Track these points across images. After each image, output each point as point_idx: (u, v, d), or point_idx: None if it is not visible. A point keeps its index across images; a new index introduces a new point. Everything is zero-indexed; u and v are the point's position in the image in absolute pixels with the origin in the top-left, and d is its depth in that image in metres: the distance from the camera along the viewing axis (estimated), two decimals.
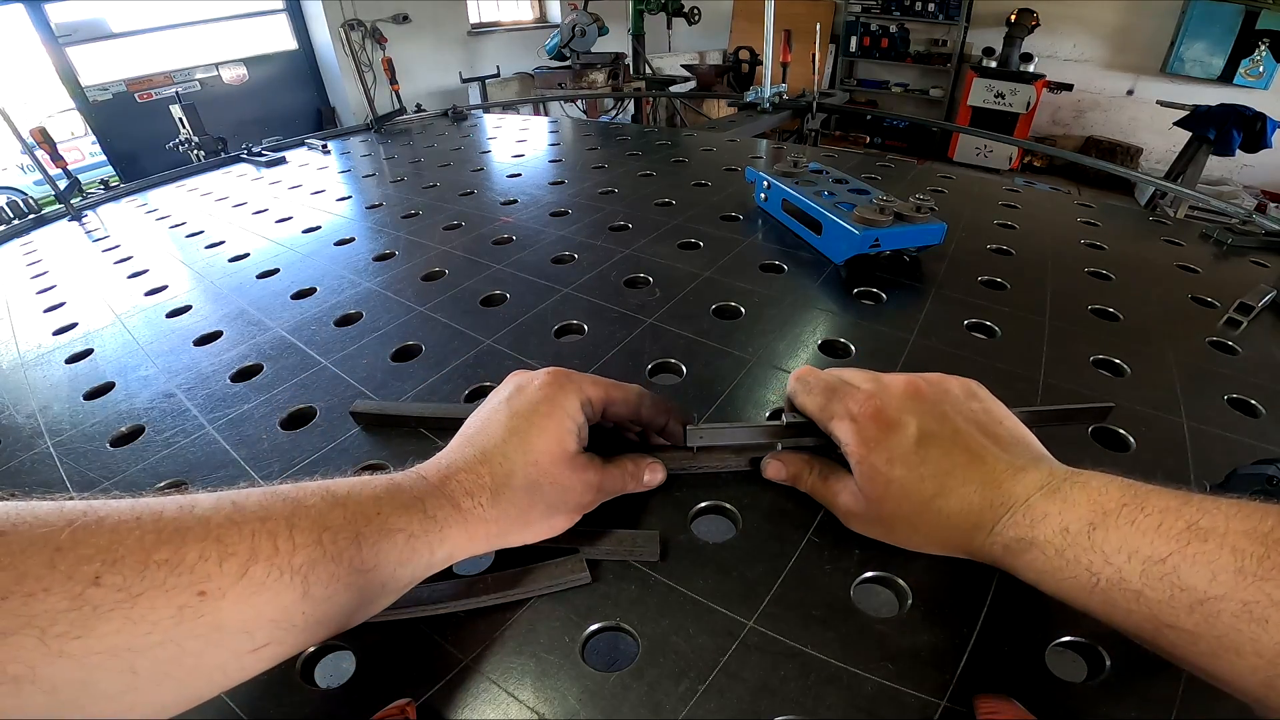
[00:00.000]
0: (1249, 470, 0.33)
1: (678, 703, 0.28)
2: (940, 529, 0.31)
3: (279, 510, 0.25)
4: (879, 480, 0.31)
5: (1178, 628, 0.23)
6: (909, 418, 0.31)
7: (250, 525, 0.24)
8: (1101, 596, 0.25)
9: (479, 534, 0.30)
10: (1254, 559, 0.21)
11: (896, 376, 0.34)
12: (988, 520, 0.29)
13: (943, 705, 0.28)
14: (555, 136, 1.28)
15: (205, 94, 3.97)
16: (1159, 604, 0.23)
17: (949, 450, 0.31)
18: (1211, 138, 2.82)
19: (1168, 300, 0.61)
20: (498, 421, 0.33)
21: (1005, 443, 0.31)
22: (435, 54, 4.67)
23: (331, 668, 0.31)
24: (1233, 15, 4.20)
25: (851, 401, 0.33)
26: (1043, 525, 0.27)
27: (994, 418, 0.32)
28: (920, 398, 0.32)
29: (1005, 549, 0.28)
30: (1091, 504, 0.26)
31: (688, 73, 4.47)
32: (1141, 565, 0.23)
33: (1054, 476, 0.28)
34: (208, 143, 1.46)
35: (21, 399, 0.55)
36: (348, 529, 0.26)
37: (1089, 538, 0.25)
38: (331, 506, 0.27)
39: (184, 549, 0.22)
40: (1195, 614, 0.22)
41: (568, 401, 0.34)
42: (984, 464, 0.30)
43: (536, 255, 0.72)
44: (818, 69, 1.87)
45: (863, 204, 0.63)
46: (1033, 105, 4.84)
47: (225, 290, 0.71)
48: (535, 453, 0.32)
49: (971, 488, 0.30)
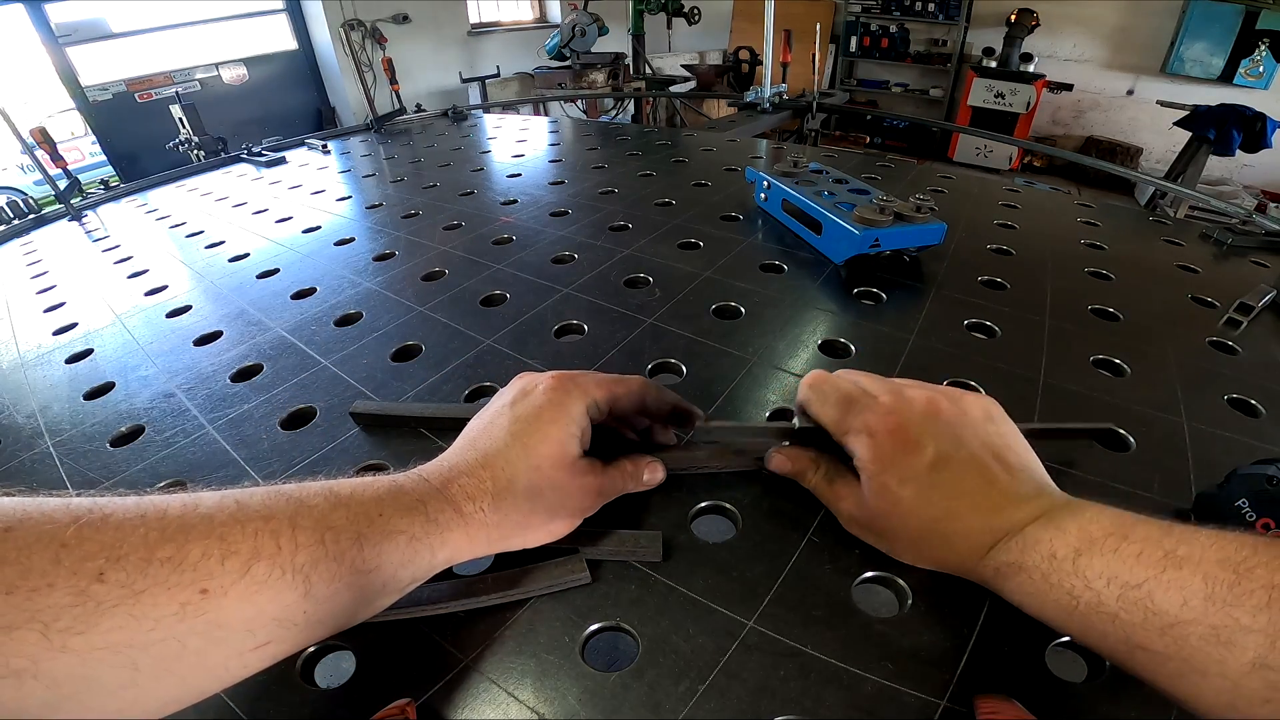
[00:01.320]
0: (1249, 470, 0.33)
1: (678, 703, 0.28)
2: (939, 549, 0.32)
3: (282, 509, 0.26)
4: (888, 497, 0.32)
5: (1149, 650, 0.23)
6: (928, 440, 0.31)
7: (253, 524, 0.24)
8: (1080, 619, 0.26)
9: (480, 538, 0.31)
10: (1224, 585, 0.22)
11: (916, 390, 0.34)
12: (985, 544, 0.30)
13: (943, 705, 0.28)
14: (555, 136, 1.28)
15: (205, 94, 3.97)
16: (1133, 626, 0.24)
17: (961, 476, 0.31)
18: (1211, 138, 2.82)
19: (1168, 300, 0.61)
20: (501, 425, 0.33)
21: (1014, 469, 0.31)
22: (435, 54, 4.66)
23: (331, 668, 0.31)
24: (1233, 15, 4.20)
25: (871, 415, 0.33)
26: (1033, 551, 0.28)
27: (1007, 443, 0.32)
28: (939, 418, 0.32)
29: (996, 571, 0.29)
30: (1080, 533, 0.27)
31: (688, 73, 4.47)
32: (1119, 590, 0.24)
33: (1052, 505, 0.29)
34: (208, 143, 1.46)
35: (21, 399, 0.55)
36: (350, 529, 0.26)
37: (1073, 564, 0.26)
38: (334, 506, 0.27)
39: (187, 546, 0.22)
40: (1166, 637, 0.23)
41: (573, 406, 0.33)
42: (992, 491, 0.30)
43: (536, 255, 0.72)
44: (818, 69, 1.87)
45: (863, 204, 0.63)
46: (1033, 105, 4.84)
47: (225, 290, 0.71)
48: (538, 458, 0.32)
49: (977, 514, 0.30)
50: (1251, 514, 0.32)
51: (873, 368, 0.40)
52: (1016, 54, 4.91)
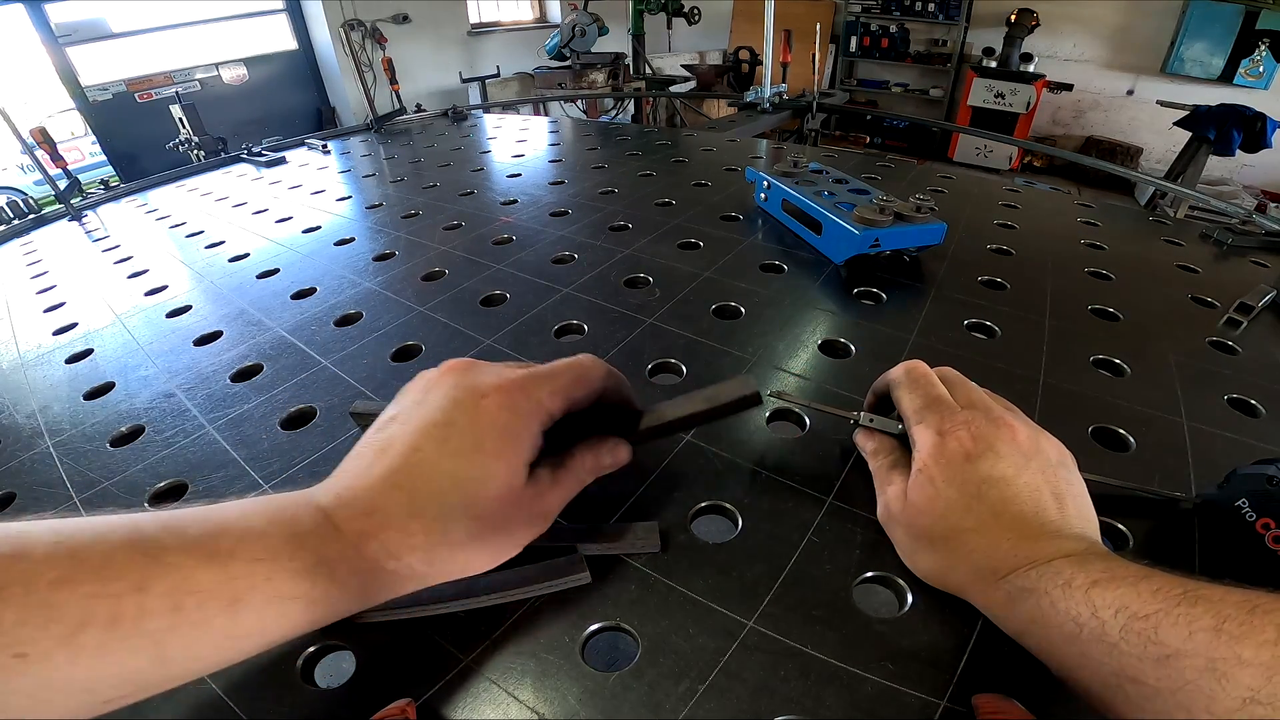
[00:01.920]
0: (1249, 470, 0.33)
1: (678, 703, 0.28)
2: (958, 560, 0.30)
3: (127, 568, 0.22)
4: (928, 492, 0.31)
5: (1140, 682, 0.22)
6: (991, 455, 0.31)
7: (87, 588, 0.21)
8: (1079, 647, 0.25)
9: (403, 589, 0.28)
10: (1235, 622, 0.21)
11: (1003, 411, 0.34)
12: (1007, 567, 0.28)
13: (943, 705, 0.28)
14: (555, 136, 1.28)
15: (205, 94, 3.97)
16: (1130, 657, 0.23)
17: (1012, 498, 0.30)
18: (1211, 138, 2.82)
19: (1168, 300, 0.61)
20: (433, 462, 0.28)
21: (1067, 512, 0.30)
22: (435, 54, 4.67)
23: (331, 668, 0.31)
24: (1233, 15, 4.20)
25: (947, 417, 0.33)
26: (1050, 579, 0.27)
27: (1071, 489, 0.32)
28: (1013, 441, 0.32)
29: (1007, 595, 0.28)
30: (1103, 569, 0.26)
31: (688, 73, 4.47)
32: (1125, 620, 0.23)
33: (1089, 550, 0.28)
34: (208, 143, 1.46)
35: (21, 399, 0.55)
36: (221, 593, 0.23)
37: (1086, 592, 0.25)
38: (204, 564, 0.23)
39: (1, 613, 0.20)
40: (1161, 669, 0.22)
41: (523, 432, 0.29)
42: (1036, 521, 0.29)
43: (536, 255, 0.72)
44: (818, 69, 1.87)
45: (863, 204, 0.63)
46: (1033, 105, 4.84)
47: (225, 290, 0.71)
48: (482, 506, 0.28)
49: (1012, 537, 0.29)
50: (1251, 514, 0.32)
51: (873, 368, 0.40)
52: (1016, 54, 4.91)
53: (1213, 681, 0.20)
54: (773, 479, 0.39)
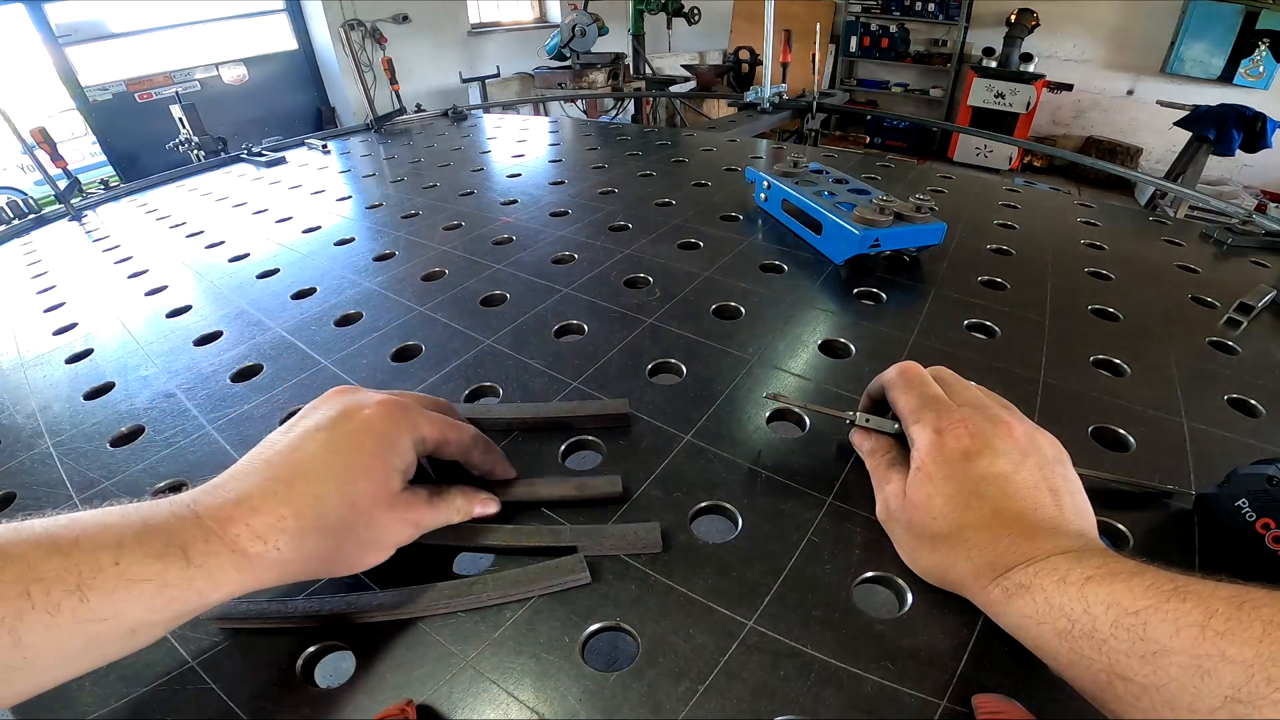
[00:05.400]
0: (1249, 470, 0.33)
1: (678, 703, 0.28)
2: (957, 557, 0.31)
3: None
4: (927, 489, 0.32)
5: (1129, 680, 0.22)
6: (989, 452, 0.31)
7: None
8: (1070, 644, 0.25)
9: (271, 575, 0.28)
10: (1222, 618, 0.21)
11: (998, 409, 0.34)
12: (1002, 564, 0.29)
13: (943, 705, 0.28)
14: (555, 137, 1.28)
15: (205, 94, 3.97)
16: (1118, 654, 0.23)
17: (1011, 495, 0.30)
18: (1211, 138, 2.82)
19: (1168, 300, 0.61)
20: (312, 452, 0.30)
21: (1065, 508, 0.31)
22: (435, 54, 4.67)
23: (332, 668, 0.31)
24: (1233, 15, 4.20)
25: (945, 415, 0.33)
26: (1046, 575, 0.27)
27: (1068, 485, 0.32)
28: (1010, 438, 0.32)
29: (1004, 592, 0.28)
30: (1098, 565, 0.26)
31: (688, 73, 4.47)
32: (1115, 616, 0.24)
33: (1086, 547, 0.28)
34: (208, 143, 1.47)
35: (21, 399, 0.55)
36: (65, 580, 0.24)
37: (1080, 589, 0.25)
38: (49, 554, 0.24)
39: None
40: (1149, 665, 0.22)
41: (400, 439, 0.32)
42: (1034, 518, 0.30)
43: (536, 255, 0.72)
44: (818, 69, 1.87)
45: (863, 204, 0.63)
46: (1033, 105, 4.84)
47: (225, 290, 0.71)
48: (355, 495, 0.30)
49: (1010, 534, 0.29)
50: (1251, 514, 0.32)
51: (872, 368, 0.40)
52: (1016, 54, 4.91)
53: (1197, 679, 0.20)
54: (772, 479, 0.39)
